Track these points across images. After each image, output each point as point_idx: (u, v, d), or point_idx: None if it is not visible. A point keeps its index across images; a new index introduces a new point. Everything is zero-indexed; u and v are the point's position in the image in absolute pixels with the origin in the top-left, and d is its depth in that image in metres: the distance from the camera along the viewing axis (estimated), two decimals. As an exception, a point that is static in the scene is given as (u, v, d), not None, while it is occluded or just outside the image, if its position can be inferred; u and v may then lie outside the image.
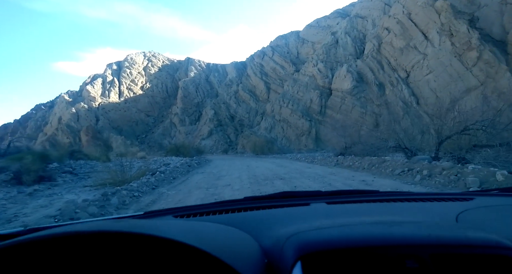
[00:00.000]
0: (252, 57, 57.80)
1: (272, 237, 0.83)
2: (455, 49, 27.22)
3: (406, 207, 1.23)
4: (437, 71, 28.15)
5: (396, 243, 0.70)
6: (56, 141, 43.62)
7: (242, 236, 0.83)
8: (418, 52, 30.25)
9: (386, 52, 34.07)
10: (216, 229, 0.87)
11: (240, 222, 0.99)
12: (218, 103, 53.58)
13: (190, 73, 65.35)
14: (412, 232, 0.78)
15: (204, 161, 19.59)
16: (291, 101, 40.38)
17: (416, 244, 0.70)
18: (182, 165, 13.74)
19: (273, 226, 0.94)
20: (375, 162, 11.05)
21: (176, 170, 11.73)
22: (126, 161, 10.80)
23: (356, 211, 1.17)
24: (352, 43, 40.89)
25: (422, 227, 0.87)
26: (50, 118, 57.22)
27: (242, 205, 1.28)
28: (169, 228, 0.69)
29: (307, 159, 18.34)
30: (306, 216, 1.08)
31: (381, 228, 0.85)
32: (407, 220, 1.02)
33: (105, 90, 58.60)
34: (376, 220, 0.98)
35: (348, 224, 0.91)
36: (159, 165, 13.56)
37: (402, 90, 30.97)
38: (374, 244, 0.71)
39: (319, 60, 40.91)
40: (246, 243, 0.78)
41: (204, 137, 49.49)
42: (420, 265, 0.64)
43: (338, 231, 0.81)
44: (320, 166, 13.86)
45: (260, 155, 30.07)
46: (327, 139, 36.11)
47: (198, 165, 15.98)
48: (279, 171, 10.87)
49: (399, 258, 0.66)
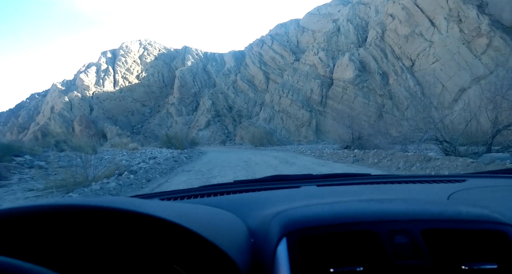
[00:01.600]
0: (250, 46, 56.31)
1: (259, 217, 0.82)
2: (464, 36, 25.98)
3: (398, 188, 1.21)
4: (444, 59, 26.94)
5: (385, 218, 0.68)
6: (49, 131, 42.28)
7: (228, 216, 0.81)
8: (424, 40, 28.98)
9: (390, 40, 32.77)
10: (202, 210, 0.82)
11: (228, 204, 0.96)
12: (216, 93, 52.30)
13: (187, 62, 63.71)
14: (403, 208, 0.75)
15: (196, 154, 17.77)
16: (291, 91, 39.15)
17: (406, 219, 0.68)
18: (167, 160, 11.31)
19: (261, 207, 0.92)
20: (413, 159, 8.62)
21: (156, 167, 9.19)
22: (107, 154, 9.47)
23: (346, 192, 1.15)
24: (354, 31, 39.50)
25: (413, 203, 0.83)
26: (42, 107, 55.77)
27: (231, 188, 1.27)
28: (153, 207, 0.62)
29: (314, 153, 15.95)
30: (295, 197, 1.04)
31: (370, 204, 0.81)
32: (398, 197, 1.01)
33: (99, 78, 57.00)
34: (366, 198, 0.96)
35: (335, 202, 0.87)
36: (144, 159, 11.74)
37: (407, 80, 29.79)
38: (363, 219, 0.68)
39: (320, 49, 39.56)
40: (232, 224, 0.76)
41: (201, 128, 48.37)
42: (410, 240, 0.63)
43: (325, 208, 0.79)
44: (334, 163, 11.11)
45: (259, 147, 28.46)
46: (328, 130, 35.07)
47: (188, 159, 13.85)
48: (286, 171, 8.53)
49: (388, 234, 0.64)
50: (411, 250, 0.62)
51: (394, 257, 0.61)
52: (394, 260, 0.61)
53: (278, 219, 0.74)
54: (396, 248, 0.62)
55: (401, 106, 29.37)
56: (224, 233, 0.67)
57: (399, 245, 0.62)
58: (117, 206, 0.56)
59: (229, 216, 0.82)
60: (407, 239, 0.63)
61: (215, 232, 0.62)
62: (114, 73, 59.68)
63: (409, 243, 0.63)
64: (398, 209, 0.75)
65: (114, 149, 23.31)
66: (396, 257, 0.61)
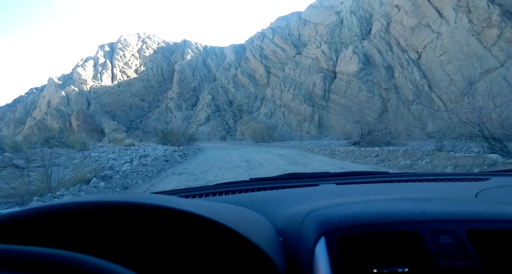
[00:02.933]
0: (251, 39, 55.17)
1: (284, 216, 0.81)
2: (473, 27, 24.95)
3: (421, 187, 1.18)
4: (452, 51, 25.94)
5: (427, 218, 0.66)
6: (45, 126, 41.43)
7: (254, 215, 0.79)
8: (431, 31, 27.94)
9: (395, 32, 31.72)
10: (228, 208, 0.81)
11: (249, 202, 0.95)
12: (216, 87, 51.34)
13: (186, 56, 62.63)
14: (444, 207, 0.73)
15: (193, 151, 16.25)
16: (292, 85, 38.18)
17: (450, 219, 0.66)
18: (156, 159, 9.67)
19: (283, 205, 0.90)
20: (466, 162, 6.73)
21: (140, 170, 7.62)
22: (97, 152, 8.46)
23: (369, 191, 1.11)
24: (357, 23, 38.39)
25: (452, 203, 0.81)
26: (39, 101, 54.85)
27: (248, 186, 1.25)
28: (183, 203, 0.63)
29: (323, 150, 13.84)
30: (316, 196, 1.02)
31: (408, 203, 0.79)
32: (431, 196, 0.98)
33: (97, 72, 56.01)
34: (399, 197, 0.92)
35: (371, 200, 0.84)
36: (133, 158, 10.53)
37: (413, 73, 28.82)
38: (404, 219, 0.66)
39: (322, 41, 38.48)
40: (259, 222, 0.75)
41: (201, 123, 47.51)
42: (455, 241, 0.61)
43: (361, 206, 0.76)
44: (353, 163, 9.50)
45: (260, 143, 27.18)
46: (331, 125, 34.18)
47: (182, 157, 12.25)
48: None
49: (432, 234, 0.62)
50: (458, 251, 0.60)
51: (440, 258, 0.59)
52: (440, 260, 0.58)
53: (313, 217, 0.71)
54: (441, 249, 0.60)
55: (407, 100, 28.45)
56: (257, 231, 0.66)
57: (444, 246, 0.61)
58: (159, 204, 0.56)
59: (254, 214, 0.80)
60: (452, 239, 0.61)
61: (250, 230, 0.61)
62: (112, 67, 58.67)
63: (455, 243, 0.61)
64: (438, 208, 0.72)
65: (111, 145, 22.48)
66: (442, 258, 0.59)
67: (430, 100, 27.37)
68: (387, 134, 12.54)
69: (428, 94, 27.55)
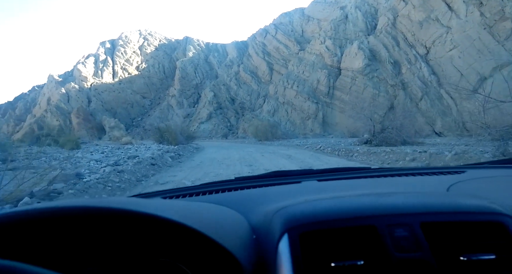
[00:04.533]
0: (254, 36, 54.26)
1: (260, 213, 0.83)
2: (485, 20, 23.93)
3: (397, 181, 1.22)
4: (463, 46, 24.95)
5: (385, 212, 0.69)
6: (45, 123, 40.84)
7: (231, 213, 0.82)
8: (441, 25, 26.95)
9: (402, 27, 30.73)
10: (204, 208, 0.84)
11: (230, 201, 0.97)
12: (218, 84, 50.53)
13: (188, 53, 61.81)
14: (402, 201, 0.76)
15: (189, 151, 14.67)
16: (296, 82, 37.29)
17: (406, 213, 0.69)
18: (140, 163, 8.12)
19: (263, 203, 0.92)
20: None
21: (112, 180, 5.89)
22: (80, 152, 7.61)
23: (347, 187, 1.16)
24: (363, 18, 37.42)
25: (412, 196, 0.84)
26: (39, 99, 54.27)
27: (232, 185, 1.27)
28: (153, 205, 0.65)
29: (337, 151, 12.01)
30: (296, 193, 1.05)
31: (370, 198, 0.82)
32: (398, 191, 1.02)
33: (97, 69, 55.34)
34: (366, 192, 0.96)
35: (336, 197, 0.88)
36: (118, 160, 9.37)
37: (421, 69, 27.84)
38: (363, 214, 0.69)
39: (327, 37, 37.52)
40: (234, 221, 0.77)
41: (202, 121, 46.76)
42: (410, 233, 0.64)
43: (324, 203, 0.80)
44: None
45: (263, 142, 26.06)
46: (336, 123, 33.31)
47: (175, 159, 10.74)
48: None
49: (388, 227, 0.65)
50: (411, 243, 0.63)
51: (394, 250, 0.62)
52: (394, 252, 0.61)
53: (279, 215, 0.74)
54: (396, 241, 0.63)
55: (415, 97, 27.51)
56: (227, 230, 0.68)
57: (399, 238, 0.63)
58: (124, 207, 0.58)
59: (231, 213, 0.82)
60: (406, 232, 0.64)
61: (218, 230, 0.63)
62: (113, 64, 57.99)
63: (409, 236, 0.63)
64: (397, 202, 0.75)
65: (109, 143, 21.74)
66: (396, 250, 0.62)
67: (439, 97, 26.44)
68: (402, 132, 11.51)
69: (437, 91, 26.61)
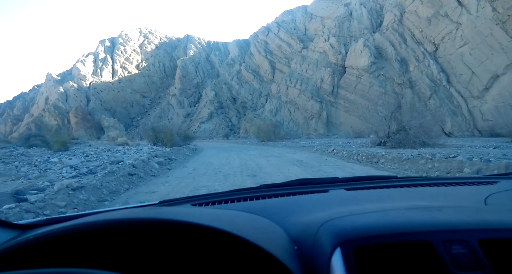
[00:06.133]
0: (256, 34, 53.28)
1: (298, 224, 0.81)
2: (497, 16, 22.95)
3: (429, 192, 1.20)
4: (474, 43, 23.97)
5: (439, 228, 0.67)
6: (43, 123, 40.01)
7: (267, 223, 0.81)
8: (450, 21, 25.96)
9: (409, 23, 29.76)
10: (240, 216, 0.85)
11: (261, 210, 0.96)
12: (219, 83, 49.62)
13: (189, 51, 60.92)
14: (456, 217, 0.74)
15: (184, 155, 13.07)
16: (299, 80, 36.32)
17: (461, 229, 0.66)
18: (113, 174, 6.29)
19: (295, 213, 0.92)
20: None
21: (57, 204, 4.07)
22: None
23: (381, 197, 1.13)
24: (368, 15, 36.43)
25: (464, 212, 0.82)
26: (37, 98, 53.47)
27: (259, 192, 1.25)
28: (202, 216, 0.67)
29: (355, 155, 10.23)
30: (327, 202, 1.06)
31: (421, 213, 0.80)
32: (441, 204, 0.98)
33: (97, 68, 54.47)
34: (410, 205, 0.94)
35: (383, 210, 0.86)
36: (96, 166, 8.14)
37: (429, 66, 26.87)
38: (417, 229, 0.67)
39: (330, 34, 36.54)
40: (274, 231, 0.76)
41: (203, 121, 45.87)
42: (468, 250, 0.62)
43: (375, 217, 0.78)
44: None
45: (266, 142, 24.67)
46: (340, 122, 32.34)
47: (163, 166, 8.93)
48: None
49: (444, 244, 0.63)
50: (471, 261, 0.61)
51: (454, 268, 0.59)
52: (454, 270, 0.59)
53: (328, 228, 0.72)
54: (454, 259, 0.61)
55: (423, 95, 26.51)
56: (272, 240, 0.67)
57: (457, 256, 0.61)
58: (179, 219, 0.60)
59: (268, 222, 0.81)
60: (464, 249, 0.62)
61: (265, 240, 0.63)
62: (113, 63, 57.11)
63: (468, 253, 0.61)
64: (450, 218, 0.74)
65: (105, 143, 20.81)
66: (456, 268, 0.60)
67: (448, 96, 25.45)
68: (421, 133, 10.42)
69: (446, 89, 25.62)
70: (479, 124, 23.37)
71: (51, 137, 15.27)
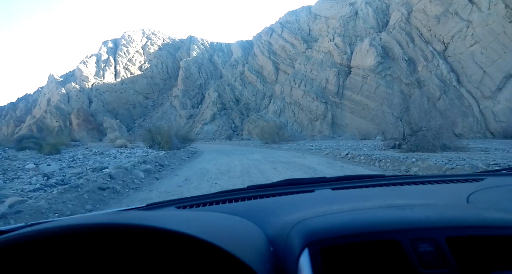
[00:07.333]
0: (259, 35, 52.74)
1: (277, 225, 0.82)
2: (510, 13, 22.13)
3: (414, 190, 1.20)
4: (486, 41, 23.14)
5: (408, 226, 0.68)
6: (44, 125, 39.63)
7: (247, 224, 0.82)
8: (460, 19, 25.14)
9: (417, 22, 28.97)
10: (219, 218, 0.86)
11: (244, 211, 0.97)
12: (222, 84, 49.08)
13: (192, 53, 60.49)
14: (425, 215, 0.75)
15: (180, 159, 12.10)
16: (303, 81, 35.62)
17: (429, 227, 0.67)
18: (78, 188, 5.09)
19: (278, 214, 0.92)
20: None
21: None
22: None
23: (363, 196, 1.12)
24: (373, 15, 35.69)
25: (434, 210, 0.83)
26: (39, 99, 53.21)
27: (245, 193, 1.25)
28: (171, 219, 0.68)
29: (376, 160, 9.07)
30: (311, 202, 1.05)
31: (391, 212, 0.81)
32: (418, 203, 0.97)
33: (99, 69, 54.15)
34: (385, 204, 0.93)
35: (355, 209, 0.86)
36: (86, 170, 7.43)
37: (439, 66, 26.05)
38: (385, 228, 0.68)
39: (336, 34, 35.83)
40: (251, 232, 0.77)
41: (206, 122, 45.32)
42: (435, 248, 0.62)
43: (345, 216, 0.79)
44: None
45: (270, 145, 23.59)
46: (345, 124, 31.57)
47: (149, 175, 7.81)
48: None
49: (412, 242, 0.63)
50: (437, 259, 0.61)
51: (420, 266, 0.59)
52: (420, 268, 0.59)
53: (299, 228, 0.72)
54: (421, 257, 0.61)
55: (432, 96, 25.65)
56: (245, 243, 0.67)
57: (424, 254, 0.61)
58: (140, 223, 0.60)
59: (247, 224, 0.82)
60: (431, 247, 0.62)
61: (234, 242, 0.63)
62: (115, 64, 56.80)
63: (434, 251, 0.62)
64: (420, 216, 0.74)
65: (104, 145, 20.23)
66: (422, 266, 0.59)
67: (459, 96, 24.60)
68: (441, 135, 9.55)
69: (456, 89, 24.78)
70: (492, 126, 22.52)
71: (52, 138, 14.75)
